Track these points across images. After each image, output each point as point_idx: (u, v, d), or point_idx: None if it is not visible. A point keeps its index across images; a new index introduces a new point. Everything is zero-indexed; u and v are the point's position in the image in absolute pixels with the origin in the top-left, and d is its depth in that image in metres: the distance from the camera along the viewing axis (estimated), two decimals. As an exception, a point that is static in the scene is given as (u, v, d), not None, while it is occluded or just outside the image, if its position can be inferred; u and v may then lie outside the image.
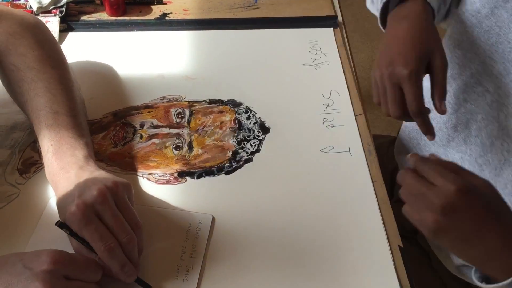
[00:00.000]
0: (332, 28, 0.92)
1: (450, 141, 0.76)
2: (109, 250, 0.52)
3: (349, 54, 0.88)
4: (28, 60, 0.66)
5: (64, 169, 0.59)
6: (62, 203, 0.57)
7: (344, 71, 0.84)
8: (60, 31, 0.88)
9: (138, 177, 0.67)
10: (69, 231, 0.54)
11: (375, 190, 0.67)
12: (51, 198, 0.63)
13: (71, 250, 0.55)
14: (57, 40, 0.87)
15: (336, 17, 0.94)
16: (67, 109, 0.64)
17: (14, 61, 0.67)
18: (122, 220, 0.54)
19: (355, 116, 0.76)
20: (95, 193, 0.54)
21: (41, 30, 0.72)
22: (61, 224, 0.55)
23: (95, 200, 0.53)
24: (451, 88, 0.73)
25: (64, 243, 0.56)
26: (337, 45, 0.89)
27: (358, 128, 0.75)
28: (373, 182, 0.68)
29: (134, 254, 0.55)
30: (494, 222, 0.48)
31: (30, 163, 0.68)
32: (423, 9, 0.64)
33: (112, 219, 0.54)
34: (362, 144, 0.72)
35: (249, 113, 0.76)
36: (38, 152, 0.69)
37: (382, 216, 0.64)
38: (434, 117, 0.68)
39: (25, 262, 0.49)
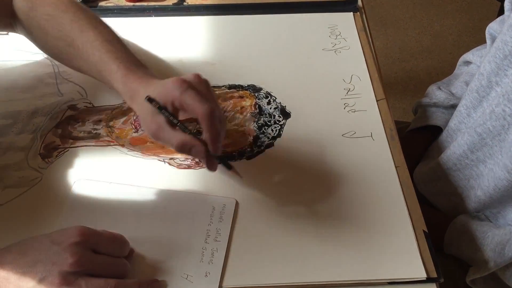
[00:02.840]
0: (352, 12, 0.91)
1: None
2: (212, 112, 0.55)
3: (370, 39, 0.87)
4: (61, 6, 0.67)
5: (143, 77, 0.62)
6: (158, 83, 0.59)
7: (365, 56, 0.83)
8: (79, 17, 0.88)
9: (160, 162, 0.67)
10: (158, 105, 0.57)
11: (398, 175, 0.66)
12: (75, 182, 0.64)
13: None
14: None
15: (356, 1, 0.92)
16: (119, 39, 0.67)
17: (47, 11, 0.67)
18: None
19: (377, 101, 0.75)
20: (190, 75, 0.59)
21: None
22: (149, 99, 0.57)
23: (192, 79, 0.58)
24: None
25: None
26: (357, 30, 0.87)
27: (380, 113, 0.74)
28: (396, 167, 0.67)
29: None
30: None
31: (52, 147, 0.68)
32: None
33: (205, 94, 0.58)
34: (384, 129, 0.71)
35: (269, 98, 0.76)
36: (59, 137, 0.69)
37: (406, 201, 0.63)
38: None
39: (53, 238, 0.50)
